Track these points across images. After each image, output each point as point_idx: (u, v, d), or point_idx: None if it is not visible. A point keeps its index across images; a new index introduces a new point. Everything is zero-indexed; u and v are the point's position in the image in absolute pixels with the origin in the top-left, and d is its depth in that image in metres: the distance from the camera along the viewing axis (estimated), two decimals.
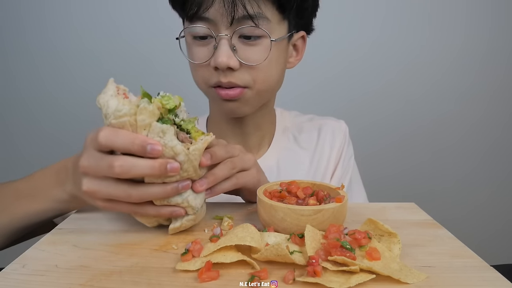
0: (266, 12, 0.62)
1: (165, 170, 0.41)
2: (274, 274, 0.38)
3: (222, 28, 0.62)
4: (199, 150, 0.44)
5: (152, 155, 0.41)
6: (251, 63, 0.64)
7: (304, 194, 0.50)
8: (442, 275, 0.38)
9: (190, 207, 0.46)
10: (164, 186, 0.43)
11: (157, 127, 0.41)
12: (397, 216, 0.55)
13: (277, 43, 0.66)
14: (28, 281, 0.37)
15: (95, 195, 0.44)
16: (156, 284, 0.36)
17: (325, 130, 0.85)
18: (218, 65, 0.62)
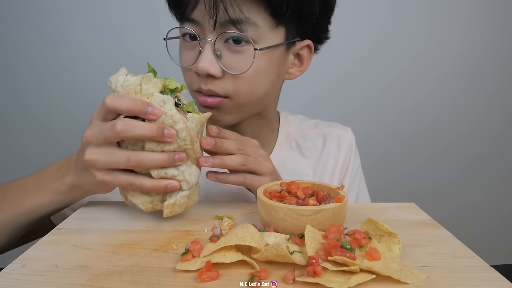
0: (254, 17, 0.57)
1: (163, 134, 0.45)
2: (274, 274, 0.38)
3: (207, 31, 0.59)
4: (196, 119, 0.48)
5: (152, 116, 0.44)
6: (233, 72, 0.59)
7: (304, 194, 0.50)
8: (442, 275, 0.38)
9: (185, 181, 0.48)
10: (162, 153, 0.46)
11: (158, 97, 0.46)
12: (397, 216, 0.55)
13: (268, 52, 0.60)
14: (28, 281, 0.37)
15: (96, 164, 0.47)
16: (156, 284, 0.36)
17: (330, 140, 0.80)
18: (198, 71, 0.59)
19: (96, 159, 0.46)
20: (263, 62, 0.60)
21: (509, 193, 1.81)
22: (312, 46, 0.68)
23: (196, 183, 0.50)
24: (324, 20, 0.68)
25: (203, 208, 0.57)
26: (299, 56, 0.68)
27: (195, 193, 0.51)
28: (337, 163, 0.78)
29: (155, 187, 0.47)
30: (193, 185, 0.49)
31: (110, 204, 0.59)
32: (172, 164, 0.47)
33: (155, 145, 0.46)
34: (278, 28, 0.60)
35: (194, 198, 0.52)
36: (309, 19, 0.63)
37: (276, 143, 0.78)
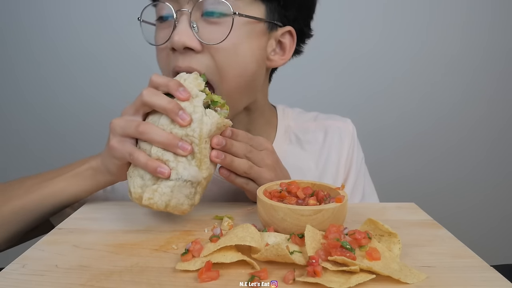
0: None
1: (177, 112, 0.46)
2: (274, 274, 0.38)
3: (183, 3, 0.56)
4: (214, 119, 0.48)
5: (181, 120, 0.46)
6: (211, 42, 0.56)
7: (304, 194, 0.50)
8: (442, 275, 0.38)
9: (176, 171, 0.46)
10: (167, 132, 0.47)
11: (194, 90, 0.49)
12: (397, 216, 0.55)
13: (248, 25, 0.58)
14: (28, 281, 0.37)
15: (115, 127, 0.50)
16: (156, 284, 0.36)
17: (332, 133, 0.78)
18: (174, 44, 0.55)
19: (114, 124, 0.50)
20: (242, 34, 0.58)
21: (509, 194, 1.81)
22: (295, 34, 0.66)
23: (187, 183, 0.47)
24: (306, 10, 0.66)
25: (203, 208, 0.57)
26: (281, 44, 0.66)
27: (181, 193, 0.47)
28: (341, 157, 0.76)
29: (147, 164, 0.46)
30: (182, 181, 0.46)
31: (110, 204, 0.59)
32: (173, 148, 0.46)
33: (167, 124, 0.47)
34: (257, 3, 0.59)
35: (179, 199, 0.47)
36: (290, 2, 0.62)
37: (275, 137, 0.76)
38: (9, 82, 1.61)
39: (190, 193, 0.48)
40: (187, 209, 0.48)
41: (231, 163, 0.52)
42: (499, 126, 1.73)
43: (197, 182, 0.48)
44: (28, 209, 0.57)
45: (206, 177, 0.49)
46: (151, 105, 0.48)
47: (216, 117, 0.48)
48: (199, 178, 0.48)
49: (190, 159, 0.48)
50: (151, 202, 0.46)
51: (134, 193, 0.48)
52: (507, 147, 1.76)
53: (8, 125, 1.65)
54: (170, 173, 0.46)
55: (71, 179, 0.57)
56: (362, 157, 0.81)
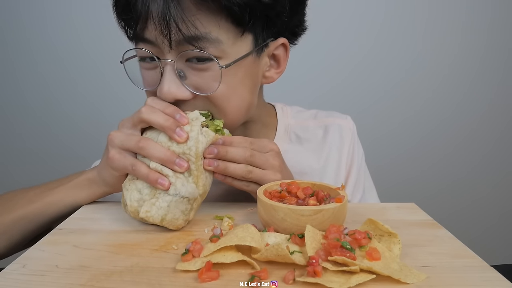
0: (213, 31, 0.50)
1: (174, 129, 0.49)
2: (274, 274, 0.38)
3: (165, 51, 0.52)
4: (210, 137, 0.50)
5: (177, 137, 0.48)
6: (203, 93, 0.54)
7: (304, 194, 0.50)
8: (442, 275, 0.38)
9: (174, 186, 0.48)
10: (166, 148, 0.49)
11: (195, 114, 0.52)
12: (397, 216, 0.55)
13: (238, 64, 0.54)
14: (28, 281, 0.37)
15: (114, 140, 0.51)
16: (156, 284, 0.36)
17: (332, 131, 0.77)
18: (164, 97, 0.53)
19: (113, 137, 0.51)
20: (234, 75, 0.55)
21: (509, 194, 1.81)
22: (288, 44, 0.62)
23: (184, 200, 0.48)
24: (296, 15, 0.62)
25: (203, 208, 0.57)
26: (275, 57, 0.63)
27: (177, 209, 0.48)
28: (342, 155, 0.75)
29: (148, 176, 0.48)
30: (180, 196, 0.48)
31: (110, 204, 0.59)
32: (171, 164, 0.48)
33: (165, 142, 0.49)
34: (244, 36, 0.54)
35: (175, 214, 0.48)
36: (278, 20, 0.57)
37: (275, 137, 0.75)
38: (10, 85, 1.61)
39: (186, 209, 0.49)
40: (181, 224, 0.49)
41: (226, 169, 0.52)
42: (499, 128, 1.74)
43: (194, 199, 0.50)
44: (28, 219, 0.58)
45: (202, 193, 0.51)
46: (149, 122, 0.50)
47: (211, 136, 0.50)
48: (196, 195, 0.49)
49: (187, 176, 0.49)
50: (147, 215, 0.47)
51: (130, 206, 0.49)
52: (508, 147, 1.76)
53: (9, 128, 1.65)
54: (169, 185, 0.48)
55: (68, 190, 0.58)
56: (362, 154, 0.80)
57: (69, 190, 0.58)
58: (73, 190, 0.58)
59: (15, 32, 1.56)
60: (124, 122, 0.53)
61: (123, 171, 0.51)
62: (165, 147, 0.49)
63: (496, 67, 1.67)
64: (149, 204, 0.48)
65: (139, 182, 0.50)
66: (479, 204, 1.81)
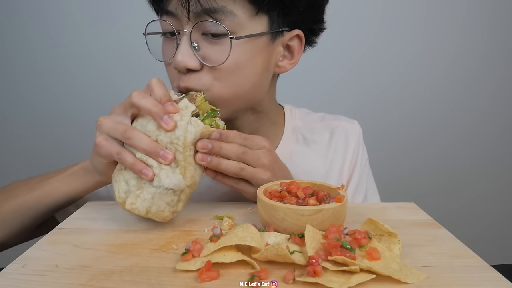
0: (230, 5, 0.54)
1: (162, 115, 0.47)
2: (274, 274, 0.38)
3: (183, 23, 0.56)
4: (199, 127, 0.48)
5: (165, 124, 0.47)
6: (210, 64, 0.56)
7: (304, 194, 0.50)
8: (442, 275, 0.38)
9: (158, 177, 0.46)
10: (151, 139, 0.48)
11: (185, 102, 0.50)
12: (397, 216, 0.55)
13: (248, 42, 0.57)
14: (28, 281, 0.37)
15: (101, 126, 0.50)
16: (156, 284, 0.36)
17: (338, 133, 0.78)
18: (176, 65, 0.56)
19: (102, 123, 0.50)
20: (244, 52, 0.57)
21: (509, 194, 1.81)
22: (303, 37, 0.64)
23: (169, 191, 0.47)
24: (314, 10, 0.64)
25: (203, 208, 0.57)
26: (289, 48, 0.64)
27: (162, 201, 0.47)
28: (346, 157, 0.76)
29: (133, 165, 0.47)
30: (163, 188, 0.47)
31: (110, 204, 0.59)
32: (155, 156, 0.47)
33: (153, 131, 0.48)
34: (259, 16, 0.57)
35: (159, 206, 0.48)
36: (294, 8, 0.59)
37: (282, 137, 0.76)
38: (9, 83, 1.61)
39: (171, 201, 0.48)
40: (168, 216, 0.49)
41: (218, 165, 0.52)
42: (499, 126, 1.74)
43: (180, 190, 0.48)
44: (27, 208, 0.59)
45: (190, 185, 0.49)
46: (138, 106, 0.49)
47: (200, 126, 0.48)
48: (182, 186, 0.48)
49: (174, 166, 0.48)
50: (133, 207, 0.47)
51: (118, 197, 0.49)
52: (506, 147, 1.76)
53: (8, 125, 1.65)
54: (153, 176, 0.47)
55: (64, 179, 0.59)
56: (366, 159, 0.80)
57: (65, 179, 0.58)
58: (68, 179, 0.58)
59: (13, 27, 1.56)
60: (115, 108, 0.52)
61: (110, 158, 0.50)
62: (151, 138, 0.48)
63: (496, 64, 1.67)
64: (134, 196, 0.47)
65: (127, 173, 0.49)
66: (479, 204, 1.81)
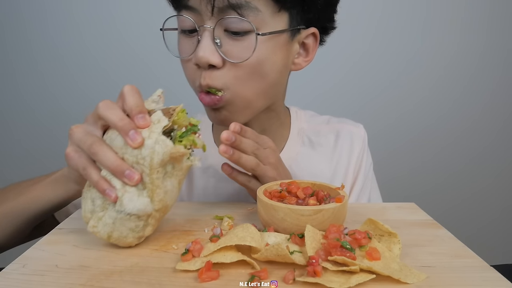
0: (255, 1, 0.54)
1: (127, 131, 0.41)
2: (274, 274, 0.38)
3: (205, 18, 0.55)
4: (167, 148, 0.41)
5: (131, 140, 0.41)
6: (234, 60, 0.56)
7: (304, 194, 0.50)
8: (442, 275, 0.38)
9: (120, 201, 0.42)
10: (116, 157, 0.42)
11: (158, 115, 0.43)
12: (397, 216, 0.55)
13: (270, 39, 0.57)
14: (28, 281, 0.37)
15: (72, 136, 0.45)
16: (156, 284, 0.36)
17: (343, 136, 0.77)
18: (198, 61, 0.55)
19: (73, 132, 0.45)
20: (266, 50, 0.57)
21: (509, 194, 1.81)
22: (318, 35, 0.64)
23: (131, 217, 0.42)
24: (329, 8, 0.65)
25: (203, 208, 0.57)
26: (305, 46, 0.65)
27: (124, 227, 0.43)
28: (351, 161, 0.76)
29: (98, 182, 0.43)
30: (125, 214, 0.42)
31: None
32: (120, 175, 0.42)
33: (120, 147, 0.42)
34: (280, 13, 0.57)
35: (122, 232, 0.43)
36: (313, 5, 0.60)
37: (288, 139, 0.76)
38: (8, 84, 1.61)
39: (136, 227, 0.43)
40: (133, 242, 0.44)
41: (239, 159, 0.52)
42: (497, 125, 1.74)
43: (147, 215, 0.43)
44: (16, 213, 0.57)
45: (160, 209, 0.44)
46: (104, 119, 0.44)
47: (169, 147, 0.41)
48: (148, 211, 0.43)
49: (141, 188, 0.43)
50: (94, 230, 0.43)
51: (84, 216, 0.45)
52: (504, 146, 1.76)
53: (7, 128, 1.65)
54: (116, 198, 0.42)
55: (47, 186, 0.56)
56: (371, 163, 0.80)
57: (48, 185, 0.56)
58: (51, 186, 0.56)
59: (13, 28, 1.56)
60: (89, 117, 0.48)
61: (77, 171, 0.46)
62: (119, 153, 0.42)
63: (495, 64, 1.67)
64: (96, 218, 0.43)
65: (94, 190, 0.45)
66: (479, 204, 1.81)
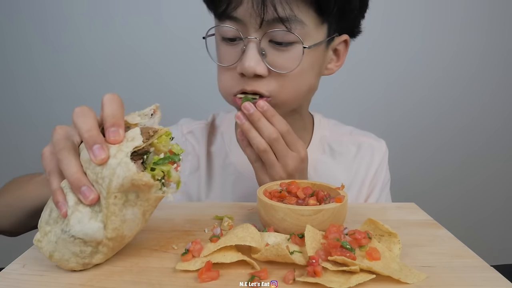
0: (301, 15, 0.56)
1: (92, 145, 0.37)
2: (274, 274, 0.38)
3: (251, 30, 0.57)
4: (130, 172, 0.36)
5: (93, 156, 0.37)
6: (280, 71, 0.59)
7: (304, 194, 0.50)
8: (442, 275, 0.38)
9: (67, 221, 0.37)
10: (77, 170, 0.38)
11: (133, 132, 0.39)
12: (397, 216, 0.55)
13: (313, 49, 0.60)
14: (28, 281, 0.37)
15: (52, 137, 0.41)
16: (156, 284, 0.36)
17: (364, 149, 0.78)
18: (245, 71, 0.58)
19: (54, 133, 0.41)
20: (308, 59, 0.60)
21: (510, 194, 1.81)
22: (349, 41, 0.68)
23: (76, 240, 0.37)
24: (360, 15, 0.67)
25: (203, 208, 0.57)
26: (336, 51, 0.68)
27: (66, 249, 0.38)
28: (368, 174, 0.76)
29: (55, 192, 0.39)
30: (69, 235, 0.37)
31: None
32: (76, 190, 0.38)
33: (85, 160, 0.38)
34: (323, 25, 0.60)
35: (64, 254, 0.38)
36: (349, 15, 0.63)
37: (309, 145, 0.77)
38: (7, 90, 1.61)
39: (81, 252, 0.38)
40: (75, 267, 0.39)
41: (248, 131, 0.55)
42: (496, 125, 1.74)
43: (96, 242, 0.38)
44: (14, 206, 0.59)
45: (113, 238, 0.38)
46: (75, 126, 0.40)
47: (131, 171, 0.36)
48: (98, 237, 0.38)
49: (97, 211, 0.38)
50: (39, 245, 0.39)
51: (39, 226, 0.41)
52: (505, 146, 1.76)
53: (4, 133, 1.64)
54: (66, 214, 0.38)
55: (36, 183, 0.57)
56: (389, 180, 0.80)
57: (38, 184, 0.56)
58: (40, 184, 0.56)
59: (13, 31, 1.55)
60: None
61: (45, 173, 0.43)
62: (84, 166, 0.38)
63: (494, 64, 1.67)
64: (43, 232, 0.39)
65: None
66: (479, 203, 1.81)
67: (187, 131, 0.80)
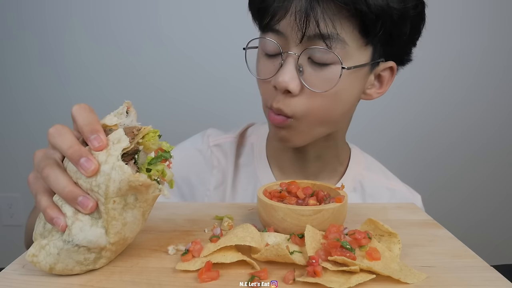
0: (343, 33, 0.54)
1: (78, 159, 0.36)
2: (274, 274, 0.38)
3: (291, 44, 0.56)
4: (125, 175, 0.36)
5: (83, 170, 0.36)
6: (314, 89, 0.56)
7: (304, 194, 0.50)
8: (442, 275, 0.38)
9: (69, 231, 0.37)
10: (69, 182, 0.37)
11: (118, 133, 0.38)
12: (397, 216, 0.55)
13: (353, 72, 0.57)
14: (28, 281, 0.37)
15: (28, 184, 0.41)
16: (156, 284, 0.36)
17: (397, 198, 0.74)
18: (277, 84, 0.56)
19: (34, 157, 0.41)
20: (346, 82, 0.57)
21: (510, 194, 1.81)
22: (395, 68, 0.63)
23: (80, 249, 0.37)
24: (411, 42, 0.63)
25: (203, 208, 0.57)
26: (380, 77, 0.64)
27: (70, 259, 0.37)
28: None
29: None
30: (73, 245, 0.37)
31: None
32: (72, 203, 0.37)
33: (74, 171, 0.37)
34: (366, 48, 0.57)
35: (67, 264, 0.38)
36: (397, 40, 0.59)
37: (342, 178, 0.74)
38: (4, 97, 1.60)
39: (85, 259, 0.38)
40: (80, 272, 0.39)
41: None
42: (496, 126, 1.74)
43: (99, 248, 0.38)
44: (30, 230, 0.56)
45: (116, 242, 0.39)
46: (55, 148, 0.39)
47: (127, 174, 0.36)
48: (102, 243, 0.38)
49: (96, 217, 0.38)
50: (34, 260, 0.37)
51: (34, 238, 0.41)
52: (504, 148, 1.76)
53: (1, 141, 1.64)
54: (65, 227, 0.37)
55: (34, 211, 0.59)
56: None
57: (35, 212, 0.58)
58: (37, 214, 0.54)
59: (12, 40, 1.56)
60: None
61: None
62: (74, 178, 0.37)
63: (494, 64, 1.67)
64: (38, 246, 0.38)
65: None
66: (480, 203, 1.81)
67: (213, 144, 0.77)
